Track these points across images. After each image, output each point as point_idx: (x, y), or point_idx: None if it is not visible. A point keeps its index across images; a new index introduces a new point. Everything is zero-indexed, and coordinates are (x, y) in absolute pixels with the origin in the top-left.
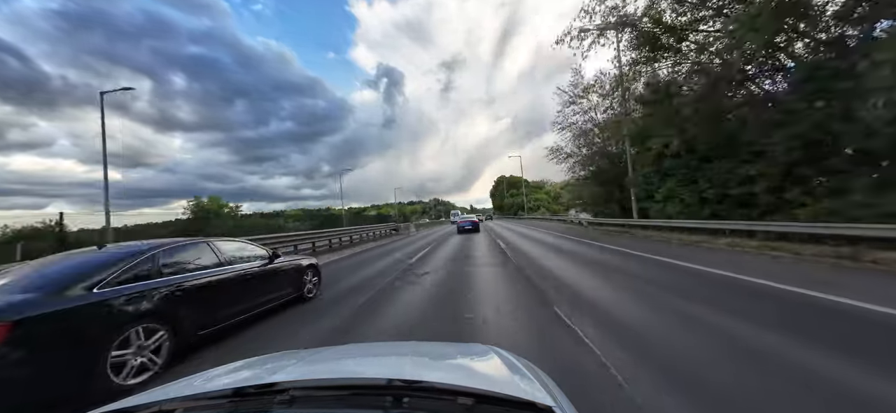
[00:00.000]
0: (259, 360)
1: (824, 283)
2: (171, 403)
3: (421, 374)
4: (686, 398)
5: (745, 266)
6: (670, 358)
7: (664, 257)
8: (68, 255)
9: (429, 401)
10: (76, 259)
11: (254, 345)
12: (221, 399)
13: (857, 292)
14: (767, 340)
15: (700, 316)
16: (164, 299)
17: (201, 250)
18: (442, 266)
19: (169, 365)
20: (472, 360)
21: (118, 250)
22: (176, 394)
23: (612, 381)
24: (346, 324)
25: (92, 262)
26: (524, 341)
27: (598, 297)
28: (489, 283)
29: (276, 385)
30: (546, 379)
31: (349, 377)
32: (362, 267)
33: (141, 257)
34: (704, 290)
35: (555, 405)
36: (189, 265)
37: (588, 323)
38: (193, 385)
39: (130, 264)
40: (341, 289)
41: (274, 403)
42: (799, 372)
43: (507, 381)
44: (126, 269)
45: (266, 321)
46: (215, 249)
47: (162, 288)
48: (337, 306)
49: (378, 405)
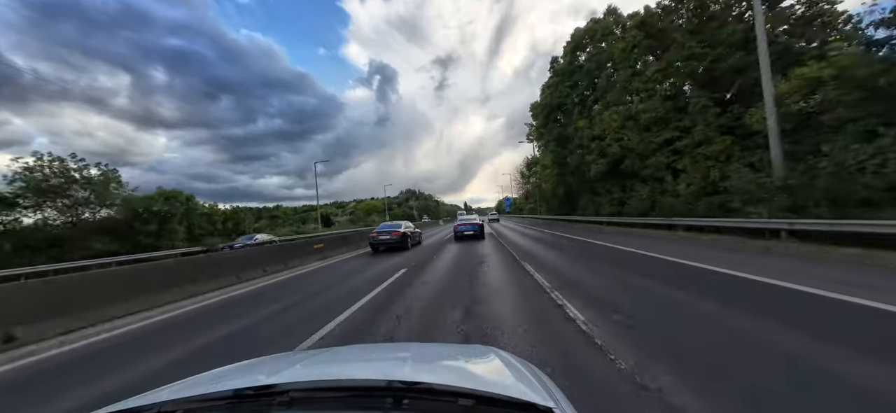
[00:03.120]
0: (259, 362)
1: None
2: (171, 404)
3: (421, 375)
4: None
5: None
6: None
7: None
8: (396, 222)
9: (429, 402)
10: (400, 223)
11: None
12: (221, 400)
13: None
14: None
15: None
16: (412, 234)
17: (414, 225)
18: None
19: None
20: (472, 361)
21: (405, 224)
22: (176, 395)
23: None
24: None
25: (400, 226)
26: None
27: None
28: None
29: (275, 387)
30: (546, 380)
31: (349, 379)
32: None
33: (412, 228)
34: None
35: (555, 407)
36: (414, 229)
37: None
38: (193, 386)
39: (411, 229)
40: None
41: (273, 405)
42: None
43: (507, 382)
44: (412, 231)
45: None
46: (418, 225)
47: (411, 231)
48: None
49: (378, 406)
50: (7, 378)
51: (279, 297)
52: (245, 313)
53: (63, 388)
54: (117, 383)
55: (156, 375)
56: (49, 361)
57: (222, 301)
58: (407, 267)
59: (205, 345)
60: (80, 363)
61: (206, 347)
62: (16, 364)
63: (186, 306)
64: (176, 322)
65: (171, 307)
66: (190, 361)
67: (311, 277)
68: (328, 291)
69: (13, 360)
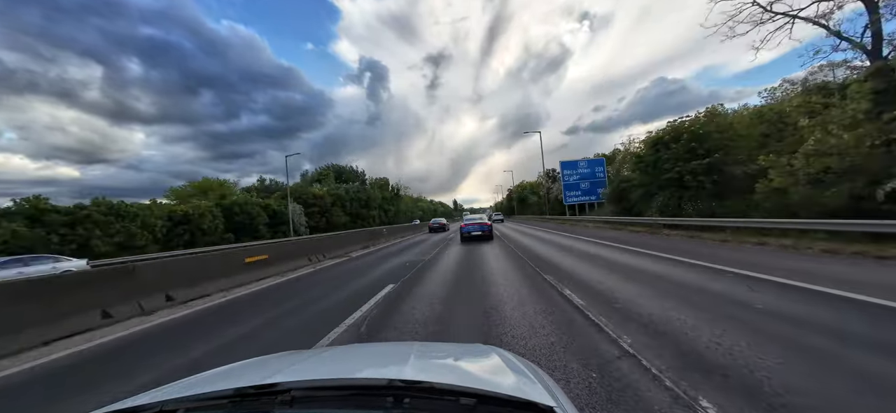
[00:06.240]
0: (260, 361)
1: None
2: (172, 404)
3: (422, 374)
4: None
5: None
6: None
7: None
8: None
9: (430, 401)
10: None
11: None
12: (222, 399)
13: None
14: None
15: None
16: (438, 226)
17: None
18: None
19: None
20: (474, 360)
21: (434, 220)
22: (177, 394)
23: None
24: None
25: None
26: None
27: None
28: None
29: (277, 385)
30: (547, 379)
31: (350, 378)
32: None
33: (438, 220)
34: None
35: (556, 406)
36: (439, 222)
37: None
38: (194, 385)
39: (437, 221)
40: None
41: (275, 404)
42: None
43: (508, 381)
44: (434, 223)
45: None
46: (445, 219)
47: (436, 224)
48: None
49: (379, 406)
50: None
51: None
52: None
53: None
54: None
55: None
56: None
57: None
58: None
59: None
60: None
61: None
62: (184, 312)
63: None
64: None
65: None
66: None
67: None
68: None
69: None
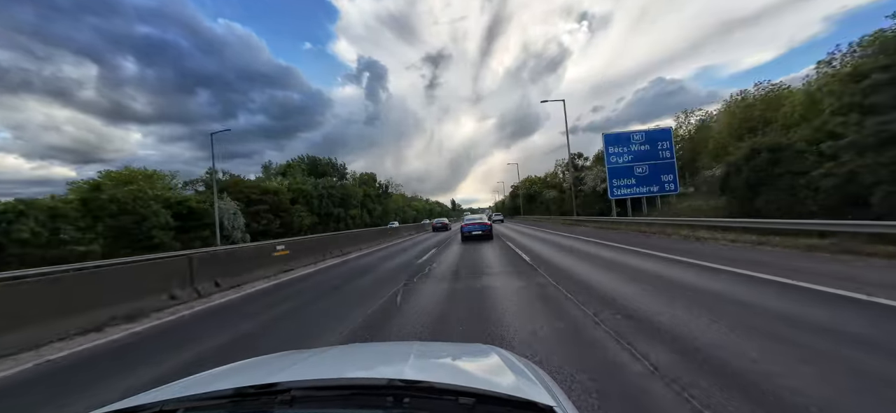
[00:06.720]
0: (260, 361)
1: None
2: (172, 403)
3: (422, 374)
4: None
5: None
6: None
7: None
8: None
9: (430, 401)
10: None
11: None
12: (222, 399)
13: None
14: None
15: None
16: (441, 225)
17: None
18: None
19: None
20: (473, 360)
21: (437, 220)
22: (177, 394)
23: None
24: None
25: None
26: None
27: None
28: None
29: (277, 385)
30: (547, 379)
31: (350, 377)
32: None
33: (441, 220)
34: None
35: (556, 405)
36: (441, 222)
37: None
38: (194, 385)
39: (440, 220)
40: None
41: (274, 403)
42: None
43: (508, 381)
44: (438, 223)
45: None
46: (447, 219)
47: (439, 223)
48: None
49: (379, 405)
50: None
51: None
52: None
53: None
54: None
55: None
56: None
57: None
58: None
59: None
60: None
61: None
62: (231, 297)
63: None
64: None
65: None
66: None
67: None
68: None
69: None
